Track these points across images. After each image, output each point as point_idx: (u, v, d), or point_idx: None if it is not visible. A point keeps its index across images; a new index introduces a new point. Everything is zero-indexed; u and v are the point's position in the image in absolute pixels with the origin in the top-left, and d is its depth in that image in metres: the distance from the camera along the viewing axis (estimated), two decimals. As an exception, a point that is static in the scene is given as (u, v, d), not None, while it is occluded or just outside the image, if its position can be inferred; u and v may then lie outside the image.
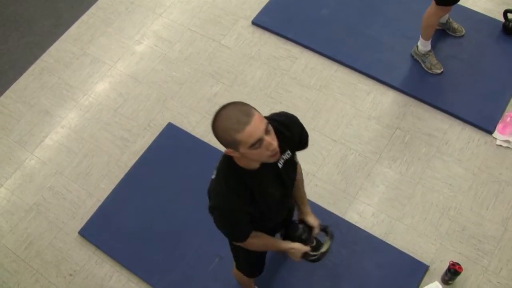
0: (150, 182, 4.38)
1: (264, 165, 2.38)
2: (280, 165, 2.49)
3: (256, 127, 2.13)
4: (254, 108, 2.18)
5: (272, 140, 2.19)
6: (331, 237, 2.97)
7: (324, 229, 2.99)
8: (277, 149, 2.23)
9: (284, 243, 2.84)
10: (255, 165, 2.38)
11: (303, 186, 2.99)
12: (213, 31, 5.18)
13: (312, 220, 2.95)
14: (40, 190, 4.46)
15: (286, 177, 2.59)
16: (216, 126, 2.19)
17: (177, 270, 3.97)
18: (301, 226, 2.90)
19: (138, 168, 4.45)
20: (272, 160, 2.28)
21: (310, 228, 2.92)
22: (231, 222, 2.51)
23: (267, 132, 2.17)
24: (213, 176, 2.50)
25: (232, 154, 2.29)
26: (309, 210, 2.97)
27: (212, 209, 2.48)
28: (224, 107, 2.20)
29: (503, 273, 3.79)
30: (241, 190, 2.40)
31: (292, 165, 2.64)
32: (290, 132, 2.52)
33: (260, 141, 2.15)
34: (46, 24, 5.47)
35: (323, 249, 2.93)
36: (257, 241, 2.70)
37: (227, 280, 3.82)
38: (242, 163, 2.37)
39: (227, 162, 2.42)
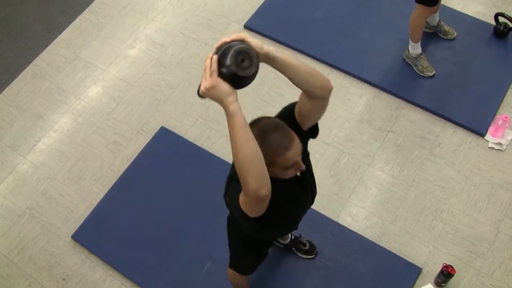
0: (143, 186, 4.38)
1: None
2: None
3: (295, 152, 2.18)
4: (290, 129, 2.21)
5: (301, 161, 2.24)
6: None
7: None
8: (304, 166, 2.27)
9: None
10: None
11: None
12: (206, 35, 5.18)
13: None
14: (33, 194, 4.45)
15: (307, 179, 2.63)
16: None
17: (171, 273, 3.97)
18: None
19: (131, 172, 4.45)
20: (294, 174, 2.33)
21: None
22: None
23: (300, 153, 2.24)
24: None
25: None
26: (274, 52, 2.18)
27: (229, 195, 2.45)
28: (262, 123, 2.21)
29: (496, 275, 3.80)
30: None
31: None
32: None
33: (295, 163, 2.22)
34: (39, 28, 5.46)
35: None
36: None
37: (221, 283, 3.81)
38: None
39: None
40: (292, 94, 4.68)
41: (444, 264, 3.64)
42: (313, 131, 2.59)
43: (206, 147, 4.48)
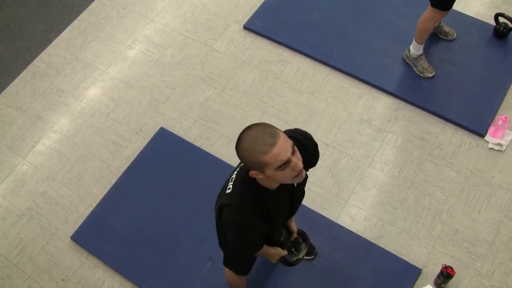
0: (142, 187, 4.38)
1: (282, 185, 2.37)
2: (295, 184, 2.49)
3: (282, 148, 2.12)
4: (278, 129, 2.17)
5: (298, 160, 2.18)
6: (307, 244, 3.20)
7: (302, 236, 3.23)
8: (302, 169, 2.22)
9: (269, 248, 2.92)
10: (276, 185, 2.37)
11: None
12: (205, 36, 5.18)
13: (293, 225, 3.09)
14: (32, 195, 4.44)
15: (297, 195, 2.65)
16: (241, 149, 2.17)
17: (170, 274, 3.97)
18: (283, 230, 3.01)
19: (130, 173, 4.44)
20: (296, 181, 2.27)
21: (289, 233, 3.12)
22: (245, 238, 2.49)
23: (293, 152, 2.17)
24: (228, 191, 2.47)
25: (256, 176, 2.27)
26: (293, 217, 3.09)
27: (226, 224, 2.46)
28: (248, 129, 2.18)
29: (496, 276, 3.80)
30: (258, 208, 2.39)
31: (304, 183, 2.65)
32: (306, 150, 2.51)
33: (287, 162, 2.14)
34: (38, 29, 5.46)
35: (300, 255, 3.13)
36: None
37: (220, 284, 3.81)
38: (265, 183, 2.36)
39: (248, 181, 2.39)
40: (292, 95, 4.70)
41: (444, 265, 3.64)
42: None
43: (206, 148, 4.47)
